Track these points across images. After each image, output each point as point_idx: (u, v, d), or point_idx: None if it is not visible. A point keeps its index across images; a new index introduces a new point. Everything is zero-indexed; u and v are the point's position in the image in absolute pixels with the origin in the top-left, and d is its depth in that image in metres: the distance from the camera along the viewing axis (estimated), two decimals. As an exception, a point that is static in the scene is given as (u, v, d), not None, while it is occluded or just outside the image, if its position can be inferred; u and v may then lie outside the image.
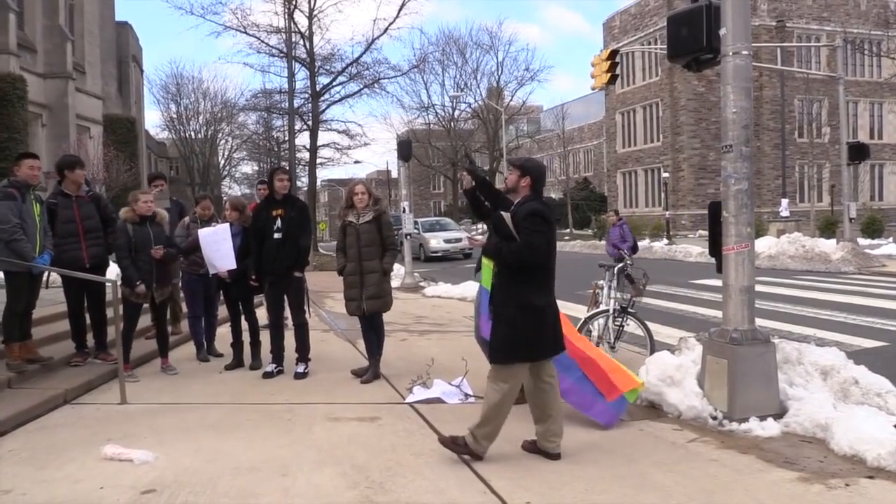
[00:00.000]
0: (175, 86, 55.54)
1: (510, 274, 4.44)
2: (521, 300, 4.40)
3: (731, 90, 5.36)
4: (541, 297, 4.44)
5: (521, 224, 4.38)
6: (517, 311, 4.39)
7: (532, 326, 4.40)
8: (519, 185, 4.55)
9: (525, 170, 4.57)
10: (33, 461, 4.52)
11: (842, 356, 5.74)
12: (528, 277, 4.40)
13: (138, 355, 7.32)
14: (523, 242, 4.34)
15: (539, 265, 4.41)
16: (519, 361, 4.44)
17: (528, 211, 4.40)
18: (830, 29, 40.41)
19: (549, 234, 4.43)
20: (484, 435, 4.46)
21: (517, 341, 4.39)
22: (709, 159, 41.52)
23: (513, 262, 4.40)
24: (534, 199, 4.51)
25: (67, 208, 6.67)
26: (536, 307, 4.41)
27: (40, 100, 22.18)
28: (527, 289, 4.40)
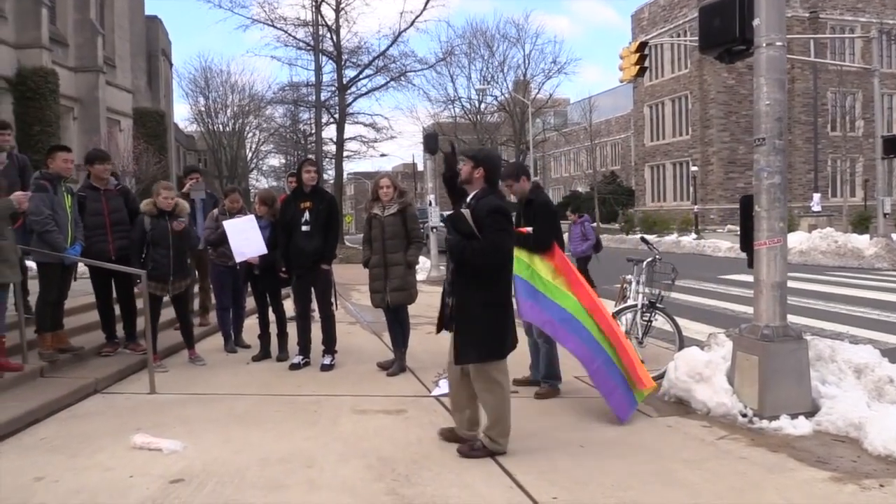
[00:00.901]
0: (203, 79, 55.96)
1: (473, 273, 4.36)
2: (487, 298, 4.36)
3: (764, 82, 5.26)
4: (503, 293, 4.45)
5: (483, 221, 4.29)
6: (485, 309, 4.35)
7: (499, 323, 4.39)
8: (473, 177, 4.47)
9: (478, 160, 4.50)
10: (65, 449, 4.59)
11: (876, 354, 5.62)
12: (490, 275, 4.36)
13: (167, 346, 7.41)
14: (489, 242, 4.27)
15: (505, 262, 4.40)
16: (492, 359, 4.41)
17: (491, 208, 4.32)
18: (865, 20, 39.57)
19: (512, 231, 4.42)
20: (500, 433, 4.45)
21: (490, 340, 4.37)
22: (738, 153, 40.95)
23: (478, 262, 4.32)
24: (491, 192, 4.45)
25: (95, 201, 6.75)
26: (500, 304, 4.41)
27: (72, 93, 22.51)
28: (493, 286, 4.38)
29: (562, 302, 5.49)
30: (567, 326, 5.42)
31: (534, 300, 5.53)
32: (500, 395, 4.44)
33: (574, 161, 63.29)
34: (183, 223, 6.82)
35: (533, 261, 5.62)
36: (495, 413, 4.44)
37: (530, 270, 5.61)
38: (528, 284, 5.57)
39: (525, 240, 5.68)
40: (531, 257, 5.64)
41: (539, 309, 5.50)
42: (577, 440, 4.77)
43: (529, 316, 5.62)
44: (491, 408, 4.45)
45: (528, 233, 5.68)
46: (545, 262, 5.61)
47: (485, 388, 4.44)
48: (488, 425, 4.46)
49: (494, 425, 4.44)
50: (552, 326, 5.48)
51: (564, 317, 5.45)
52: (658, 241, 23.94)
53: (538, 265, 5.61)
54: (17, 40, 20.29)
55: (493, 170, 4.53)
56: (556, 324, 5.45)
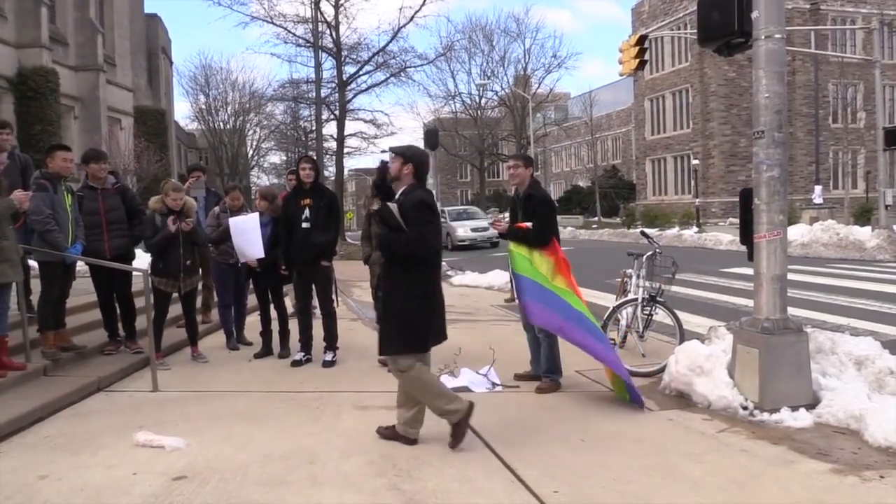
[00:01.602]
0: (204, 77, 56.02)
1: (399, 265, 4.45)
2: (411, 290, 4.43)
3: (763, 75, 5.26)
4: (428, 286, 4.50)
5: (409, 214, 4.37)
6: (408, 301, 4.42)
7: (422, 316, 4.44)
8: (402, 173, 4.56)
9: (406, 157, 4.58)
10: (68, 447, 4.61)
11: (877, 346, 5.63)
12: (416, 268, 4.43)
13: (169, 344, 7.43)
14: (416, 234, 4.35)
15: (429, 255, 4.45)
16: (413, 352, 4.47)
17: (416, 201, 4.40)
18: (866, 11, 39.45)
19: (438, 223, 4.47)
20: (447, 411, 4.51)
21: (411, 332, 4.43)
22: (740, 146, 40.89)
23: (404, 253, 4.40)
24: (418, 187, 4.54)
25: (92, 200, 6.76)
26: (425, 296, 4.46)
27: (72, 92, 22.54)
28: (417, 279, 4.44)
29: (569, 300, 5.53)
30: (581, 325, 5.47)
31: (543, 302, 5.55)
32: (425, 383, 4.53)
33: (575, 155, 63.28)
34: (191, 223, 6.85)
35: (533, 256, 5.64)
36: (428, 395, 4.53)
37: (533, 268, 5.63)
38: (535, 284, 5.59)
39: (525, 235, 5.70)
40: (530, 253, 5.65)
41: (550, 312, 5.53)
42: (579, 434, 4.78)
43: (542, 321, 5.65)
44: (424, 397, 4.56)
45: (528, 228, 5.70)
46: (545, 258, 5.62)
47: (409, 382, 4.54)
48: (434, 407, 4.55)
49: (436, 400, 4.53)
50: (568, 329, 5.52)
51: (574, 314, 5.49)
52: (660, 234, 23.96)
53: (537, 261, 5.62)
54: (18, 40, 20.32)
55: (421, 165, 4.62)
56: (570, 326, 5.49)
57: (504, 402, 5.64)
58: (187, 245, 6.93)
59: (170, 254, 6.82)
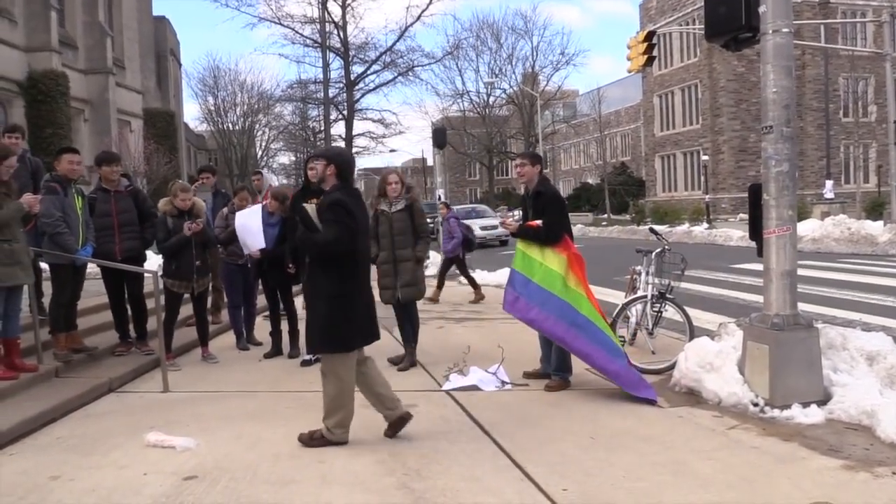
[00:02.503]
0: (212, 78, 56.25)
1: (318, 264, 4.53)
2: (329, 290, 4.48)
3: (771, 69, 5.23)
4: (349, 285, 4.51)
5: (324, 215, 4.46)
6: (327, 301, 4.47)
7: (342, 316, 4.47)
8: (326, 175, 4.64)
9: (329, 159, 4.68)
10: (80, 448, 4.64)
11: (889, 341, 5.58)
12: (335, 267, 4.48)
13: (180, 344, 7.46)
14: (326, 233, 4.43)
15: (345, 254, 4.47)
16: (336, 352, 4.51)
17: (330, 201, 4.49)
18: (877, 4, 38.99)
19: (351, 223, 4.47)
20: (336, 424, 4.55)
21: (329, 332, 4.47)
22: (749, 141, 40.65)
23: (317, 252, 4.50)
24: (341, 188, 4.58)
25: (104, 202, 6.80)
26: (345, 296, 4.49)
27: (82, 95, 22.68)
28: (334, 278, 4.48)
29: (574, 301, 5.53)
30: (583, 332, 5.49)
31: (545, 307, 5.57)
32: (339, 388, 4.55)
33: (584, 153, 63.11)
34: (200, 224, 6.89)
35: (545, 255, 5.64)
36: (333, 403, 4.57)
37: (542, 271, 5.62)
38: (540, 289, 5.60)
39: (536, 233, 5.70)
40: (543, 252, 5.65)
41: (554, 319, 5.57)
42: (588, 432, 4.77)
43: (543, 324, 5.67)
44: (330, 398, 4.58)
45: (538, 226, 5.69)
46: (557, 255, 5.63)
47: (329, 379, 4.57)
48: (325, 415, 4.58)
49: (330, 415, 4.56)
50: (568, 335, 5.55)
51: (580, 321, 5.50)
52: (670, 231, 23.88)
53: (550, 259, 5.62)
54: (28, 44, 20.46)
55: (344, 165, 4.67)
56: (570, 331, 5.53)
57: (513, 401, 5.64)
58: (199, 246, 6.97)
59: (182, 255, 6.86)
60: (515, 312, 5.82)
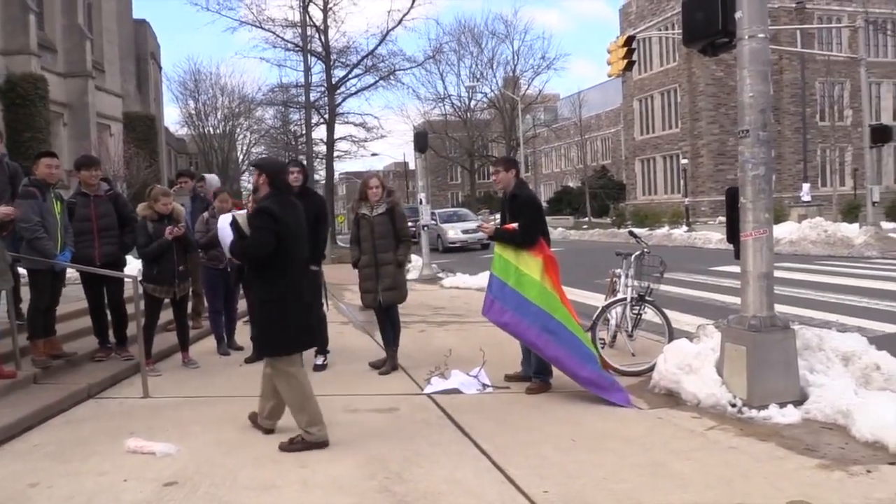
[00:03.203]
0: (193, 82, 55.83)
1: (252, 270, 4.68)
2: (262, 294, 4.62)
3: (747, 74, 5.30)
4: (279, 289, 4.60)
5: (250, 221, 4.62)
6: (261, 305, 4.62)
7: (277, 319, 4.56)
8: (259, 183, 4.78)
9: (261, 168, 4.84)
10: (59, 455, 4.60)
11: (863, 342, 5.67)
12: (265, 271, 4.60)
13: (160, 350, 7.41)
14: (250, 239, 4.57)
15: (272, 259, 4.56)
16: (277, 355, 4.62)
17: (256, 208, 4.65)
18: (852, 10, 39.70)
19: (277, 229, 4.55)
20: (308, 423, 4.60)
21: (268, 335, 4.60)
22: (728, 145, 40.98)
23: (244, 258, 4.71)
24: (273, 195, 4.70)
25: (84, 207, 6.75)
26: (277, 300, 4.58)
27: (61, 99, 22.44)
28: (266, 283, 4.60)
29: (547, 305, 5.57)
30: (554, 337, 5.53)
31: (519, 311, 5.61)
32: (295, 387, 4.64)
33: (565, 156, 63.38)
34: (182, 228, 6.86)
35: (520, 258, 5.66)
36: (296, 405, 4.64)
37: (517, 275, 5.65)
38: (515, 293, 5.62)
39: (511, 235, 5.73)
40: (518, 255, 5.67)
41: (527, 324, 5.61)
42: (568, 434, 4.80)
43: (515, 329, 5.71)
44: (290, 401, 4.67)
45: (514, 229, 5.73)
46: (533, 258, 5.65)
47: (279, 382, 4.67)
48: (297, 419, 4.65)
49: (298, 416, 4.63)
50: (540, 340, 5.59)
51: (552, 326, 5.54)
52: (649, 234, 24.05)
53: (526, 261, 5.65)
54: (6, 47, 20.22)
55: (275, 173, 4.81)
56: (542, 336, 5.57)
57: (494, 404, 5.66)
58: (180, 251, 6.94)
59: (164, 260, 6.82)
60: (490, 315, 5.85)
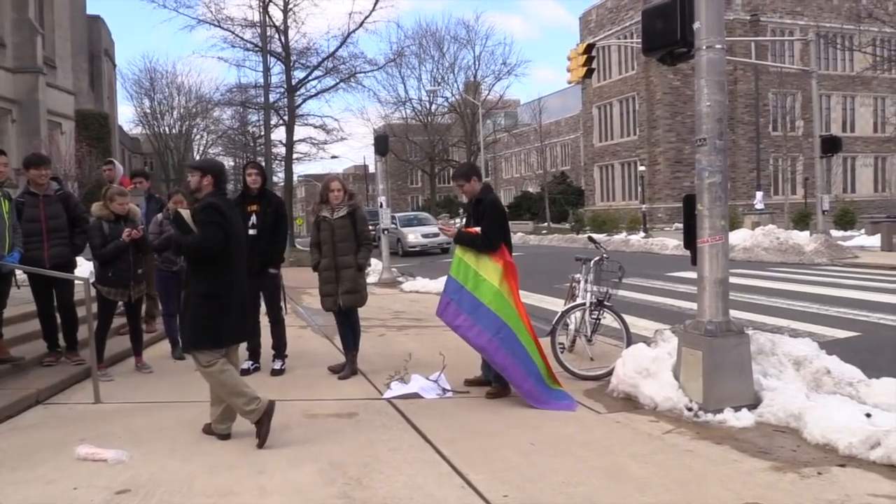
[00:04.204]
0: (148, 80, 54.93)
1: (194, 265, 4.75)
2: (202, 289, 4.67)
3: (704, 84, 5.40)
4: (221, 284, 4.69)
5: (196, 217, 4.67)
6: (199, 299, 4.67)
7: (214, 314, 4.65)
8: (202, 185, 4.81)
9: (205, 170, 4.87)
10: (5, 462, 4.45)
11: (814, 346, 5.81)
12: (209, 267, 4.67)
13: (112, 353, 7.23)
14: (199, 235, 4.63)
15: (218, 254, 4.64)
16: (205, 349, 4.69)
17: (202, 204, 4.70)
18: (804, 23, 40.88)
19: (225, 224, 4.65)
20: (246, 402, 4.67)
21: (201, 329, 4.65)
22: (684, 153, 41.85)
23: (193, 254, 4.73)
24: (216, 194, 4.77)
25: (33, 207, 6.56)
26: (217, 295, 4.67)
27: (10, 95, 21.81)
28: (208, 278, 4.67)
29: (502, 312, 5.58)
30: (504, 345, 5.57)
31: (471, 314, 5.62)
32: (220, 380, 4.70)
33: (525, 162, 63.87)
34: (141, 230, 6.71)
35: (480, 263, 5.67)
36: (228, 394, 4.70)
37: (476, 279, 5.65)
38: (471, 297, 5.63)
39: (473, 239, 5.73)
40: (478, 259, 5.68)
41: (479, 329, 5.61)
42: (528, 438, 4.82)
43: (467, 332, 5.69)
44: (224, 393, 4.73)
45: (477, 233, 5.73)
46: (493, 263, 5.66)
47: (209, 378, 4.75)
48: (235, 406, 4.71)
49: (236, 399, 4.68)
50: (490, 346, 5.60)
51: (504, 334, 5.56)
52: (607, 239, 24.32)
53: (486, 266, 5.65)
54: (-49, 41, 19.58)
55: (219, 174, 4.89)
56: (493, 342, 5.58)
57: (454, 408, 5.65)
58: (136, 253, 6.77)
59: (120, 262, 6.65)
60: (445, 318, 5.83)
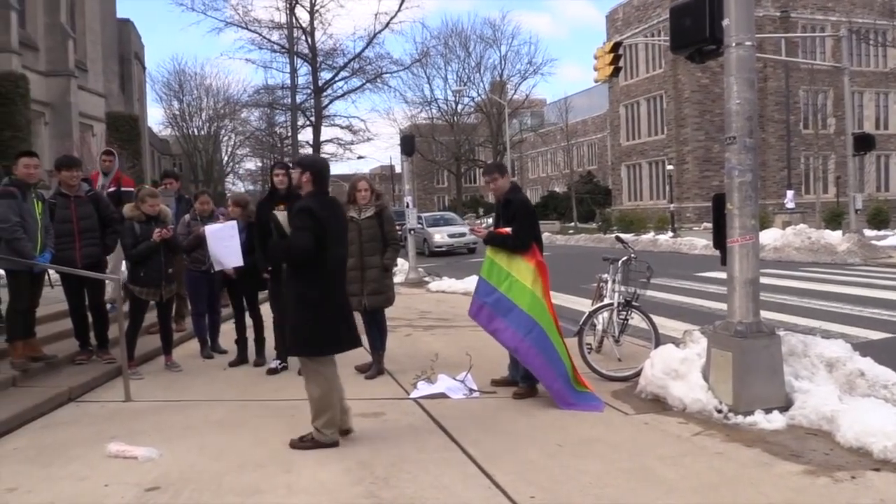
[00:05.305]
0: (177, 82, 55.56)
1: (290, 269, 4.68)
2: (297, 293, 4.61)
3: (734, 81, 5.32)
4: (319, 289, 4.60)
5: (290, 221, 4.60)
6: (297, 305, 4.61)
7: (313, 319, 4.57)
8: (302, 182, 4.75)
9: (304, 166, 4.81)
10: (38, 459, 4.53)
11: (847, 348, 5.70)
12: (304, 272, 4.60)
13: (142, 352, 7.33)
14: (290, 240, 4.57)
15: (314, 259, 4.56)
16: (309, 355, 4.64)
17: (297, 208, 4.62)
18: (835, 19, 40.22)
19: (317, 229, 4.55)
20: (325, 424, 4.62)
21: (302, 334, 4.59)
22: (713, 151, 41.38)
23: (284, 258, 4.71)
24: (315, 194, 4.70)
25: (64, 208, 6.66)
26: (315, 300, 4.58)
27: (43, 98, 22.19)
28: (302, 282, 4.60)
29: (535, 313, 5.56)
30: (536, 344, 5.55)
31: (507, 317, 5.61)
32: (323, 388, 4.63)
33: (551, 161, 63.61)
34: (171, 230, 6.80)
35: (512, 263, 5.65)
36: (319, 405, 4.64)
37: (510, 281, 5.63)
38: (506, 299, 5.61)
39: (504, 240, 5.72)
40: (510, 260, 5.66)
41: (513, 331, 5.60)
42: (555, 439, 4.79)
43: (502, 335, 5.69)
44: (315, 400, 4.65)
45: (508, 233, 5.72)
46: (526, 264, 5.65)
47: (308, 380, 4.67)
48: (313, 417, 4.65)
49: (318, 417, 4.63)
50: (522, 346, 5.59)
51: (536, 334, 5.54)
52: (635, 239, 24.14)
53: (518, 267, 5.64)
54: (-14, 45, 19.96)
55: (319, 173, 4.78)
56: (524, 342, 5.56)
57: (481, 408, 5.64)
58: (167, 253, 6.87)
59: (151, 262, 6.74)
60: (479, 320, 5.85)
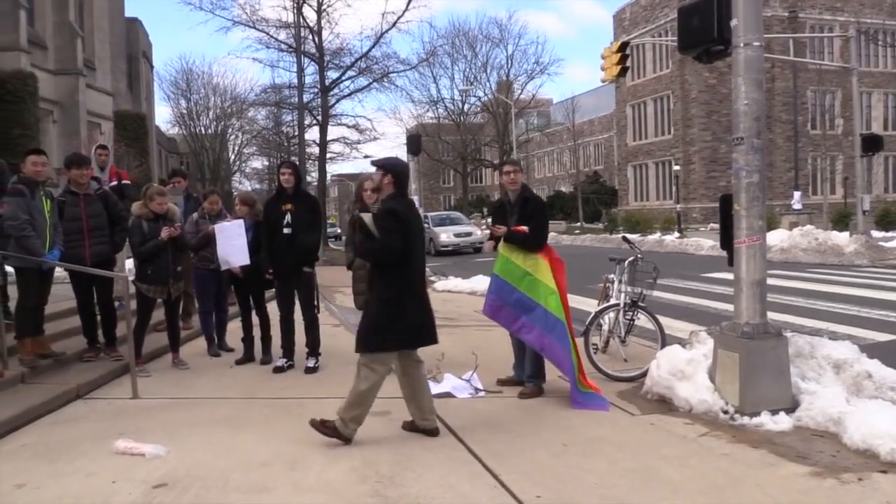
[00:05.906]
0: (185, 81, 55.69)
1: (375, 268, 4.79)
2: (381, 292, 4.69)
3: (742, 82, 5.31)
4: (399, 289, 4.68)
5: (377, 223, 4.69)
6: (378, 302, 4.69)
7: (392, 317, 4.64)
8: (383, 184, 4.81)
9: (386, 168, 4.84)
10: (46, 455, 4.55)
11: (855, 350, 5.68)
12: (388, 271, 4.68)
13: (150, 350, 7.36)
14: (379, 241, 4.65)
15: (398, 260, 4.64)
16: (380, 351, 4.68)
17: (383, 210, 4.73)
18: (844, 19, 40.05)
19: (403, 231, 4.63)
20: (352, 418, 4.68)
21: (378, 331, 4.64)
22: (720, 152, 41.27)
23: (371, 259, 4.82)
24: (396, 196, 4.77)
25: (74, 206, 6.69)
26: (395, 299, 4.66)
27: (51, 96, 22.29)
28: (387, 282, 4.68)
29: (557, 311, 5.58)
30: (558, 342, 5.57)
31: (529, 316, 5.63)
32: (369, 385, 4.68)
33: (557, 161, 63.54)
34: (179, 228, 6.83)
35: (528, 261, 5.67)
36: (356, 398, 4.68)
37: (530, 279, 5.64)
38: (527, 298, 5.62)
39: (525, 239, 5.73)
40: (527, 258, 5.67)
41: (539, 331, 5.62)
42: (561, 439, 4.79)
43: (527, 335, 5.72)
44: (356, 393, 4.68)
45: (525, 231, 5.74)
46: (543, 261, 5.69)
47: (360, 374, 4.70)
48: (345, 407, 4.70)
49: (350, 409, 4.68)
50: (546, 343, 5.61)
51: (557, 329, 5.56)
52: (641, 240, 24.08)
53: (536, 265, 5.65)
54: (-5, 43, 20.06)
55: (400, 175, 4.85)
56: (547, 339, 5.59)
57: (487, 408, 5.65)
58: (175, 251, 6.89)
59: (159, 260, 6.78)
60: (499, 320, 5.87)
